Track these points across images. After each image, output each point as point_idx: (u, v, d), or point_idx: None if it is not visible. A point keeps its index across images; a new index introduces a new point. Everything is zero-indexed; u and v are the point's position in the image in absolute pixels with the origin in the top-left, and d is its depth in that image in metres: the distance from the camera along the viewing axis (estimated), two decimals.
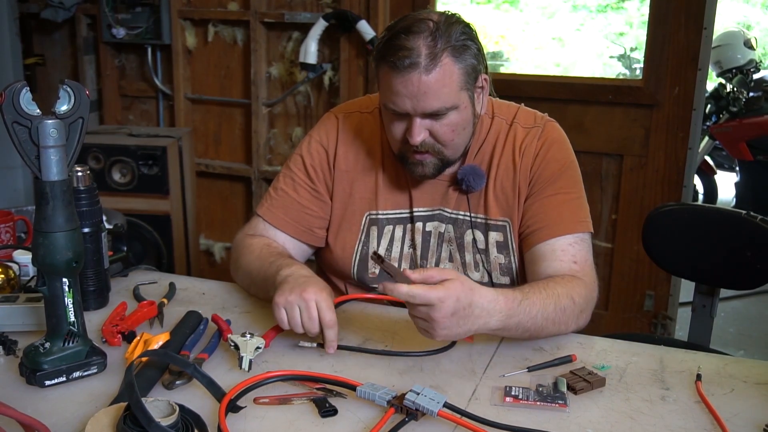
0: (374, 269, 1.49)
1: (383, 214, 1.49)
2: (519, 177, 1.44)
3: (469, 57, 1.31)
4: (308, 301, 1.22)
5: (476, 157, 1.47)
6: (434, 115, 1.32)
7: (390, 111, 1.34)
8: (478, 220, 1.46)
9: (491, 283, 1.46)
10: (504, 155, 1.45)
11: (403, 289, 1.10)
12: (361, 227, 1.50)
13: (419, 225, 1.48)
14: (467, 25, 1.33)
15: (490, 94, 1.45)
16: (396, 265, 1.49)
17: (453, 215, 1.47)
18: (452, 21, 1.31)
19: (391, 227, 1.49)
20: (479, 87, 1.37)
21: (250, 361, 1.18)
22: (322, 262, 1.60)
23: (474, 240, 1.46)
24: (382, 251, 1.49)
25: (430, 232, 1.48)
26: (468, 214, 1.46)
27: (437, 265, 1.48)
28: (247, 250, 1.48)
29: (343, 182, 1.51)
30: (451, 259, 1.48)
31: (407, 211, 1.49)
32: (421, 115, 1.31)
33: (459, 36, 1.29)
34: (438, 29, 1.28)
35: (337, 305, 1.30)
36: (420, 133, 1.33)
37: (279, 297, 1.24)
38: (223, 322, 1.32)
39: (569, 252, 1.38)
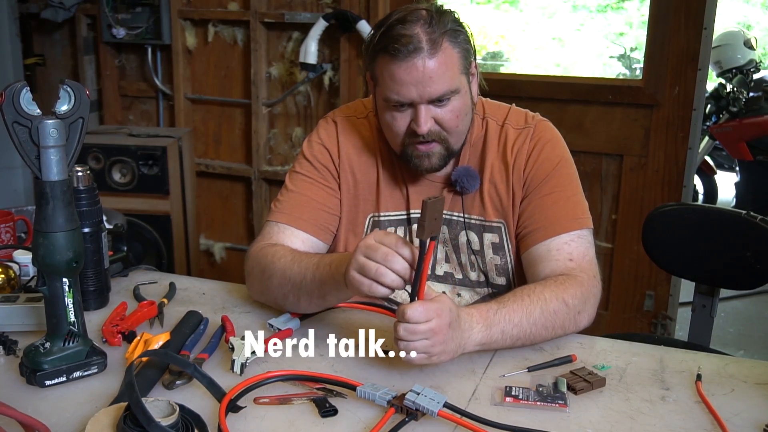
0: None
1: (384, 216, 1.49)
2: (513, 179, 1.44)
3: (463, 42, 1.34)
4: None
5: (469, 159, 1.47)
6: (439, 101, 1.33)
7: (393, 103, 1.34)
8: (473, 221, 1.46)
9: (488, 283, 1.46)
10: (497, 157, 1.46)
11: (407, 310, 1.10)
12: (365, 229, 1.50)
13: (415, 227, 1.48)
14: (455, 14, 1.36)
15: (480, 94, 1.46)
16: None
17: (447, 216, 1.47)
18: (443, 10, 1.34)
19: (392, 229, 1.49)
20: (472, 74, 1.40)
21: (242, 365, 1.17)
22: None
23: (468, 241, 1.46)
24: None
25: None
26: (462, 215, 1.46)
27: (434, 266, 1.48)
28: (275, 257, 1.35)
29: (348, 182, 1.50)
30: (447, 260, 1.48)
31: (404, 212, 1.49)
32: (427, 101, 1.32)
33: (452, 23, 1.32)
34: (432, 17, 1.30)
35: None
36: (427, 121, 1.33)
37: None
38: (230, 323, 1.31)
39: (565, 250, 1.37)
